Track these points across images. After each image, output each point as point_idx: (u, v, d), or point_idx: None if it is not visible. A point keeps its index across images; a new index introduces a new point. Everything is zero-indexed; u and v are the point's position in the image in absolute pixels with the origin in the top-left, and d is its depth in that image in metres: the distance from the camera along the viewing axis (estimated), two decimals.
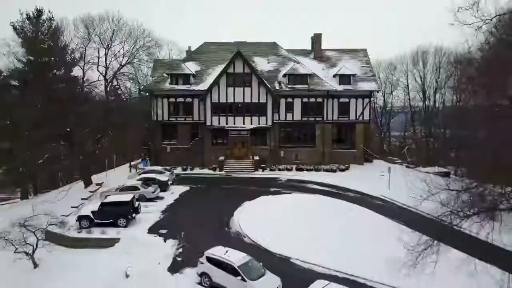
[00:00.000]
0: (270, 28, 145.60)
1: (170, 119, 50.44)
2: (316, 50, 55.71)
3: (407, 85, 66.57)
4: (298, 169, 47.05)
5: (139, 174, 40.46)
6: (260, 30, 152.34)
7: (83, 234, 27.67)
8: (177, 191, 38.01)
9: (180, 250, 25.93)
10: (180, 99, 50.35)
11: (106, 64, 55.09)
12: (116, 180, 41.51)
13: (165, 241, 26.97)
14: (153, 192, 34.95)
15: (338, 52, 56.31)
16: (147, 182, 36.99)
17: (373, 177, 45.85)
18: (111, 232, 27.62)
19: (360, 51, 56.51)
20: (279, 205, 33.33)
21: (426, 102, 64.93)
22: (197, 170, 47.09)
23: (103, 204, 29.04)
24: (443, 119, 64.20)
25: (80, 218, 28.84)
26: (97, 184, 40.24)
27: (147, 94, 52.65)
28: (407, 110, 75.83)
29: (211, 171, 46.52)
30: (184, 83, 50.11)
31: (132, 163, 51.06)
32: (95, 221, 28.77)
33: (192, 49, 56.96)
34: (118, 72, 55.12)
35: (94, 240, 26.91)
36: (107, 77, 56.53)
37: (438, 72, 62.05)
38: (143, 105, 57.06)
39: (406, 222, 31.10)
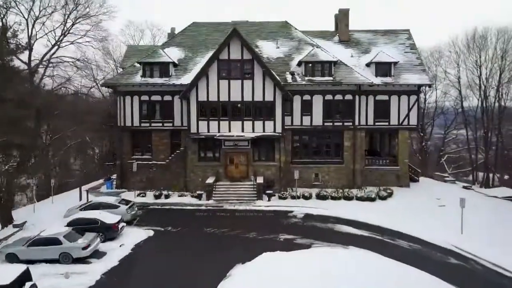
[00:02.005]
0: (280, 7, 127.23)
1: (142, 124, 36.81)
2: (342, 31, 41.49)
3: (458, 78, 51.71)
4: (320, 197, 32.83)
5: (82, 209, 26.81)
6: (267, 11, 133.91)
7: None
8: (131, 239, 24.18)
9: None
10: (156, 97, 36.70)
11: (30, 43, 39.65)
12: (49, 216, 27.97)
13: None
14: (84, 248, 21.14)
15: (372, 34, 42.02)
16: (83, 226, 23.37)
17: (429, 208, 31.73)
18: None
19: (401, 32, 42.14)
20: (292, 275, 19.18)
21: (480, 99, 49.92)
22: (175, 198, 33.21)
23: None
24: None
25: None
26: (15, 226, 26.59)
27: (112, 91, 39.01)
28: (449, 110, 61.25)
29: (194, 200, 32.60)
30: (161, 75, 36.48)
31: (91, 185, 37.50)
32: None
33: (178, 31, 43.21)
34: (52, 57, 40.31)
35: None
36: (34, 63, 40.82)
37: (503, 61, 47.13)
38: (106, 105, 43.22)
39: None
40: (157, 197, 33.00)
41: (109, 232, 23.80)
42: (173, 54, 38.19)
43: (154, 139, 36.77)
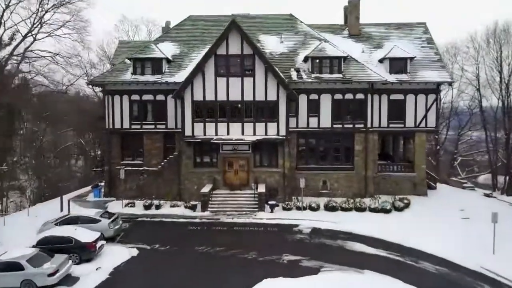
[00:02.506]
0: (279, 6, 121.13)
1: (133, 126, 33.55)
2: (352, 24, 37.99)
3: (477, 75, 47.86)
4: (328, 208, 29.35)
5: (57, 224, 23.57)
6: (267, 10, 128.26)
7: None
8: (111, 260, 20.87)
9: None
10: (148, 97, 33.46)
11: None
12: (22, 231, 24.75)
13: None
14: (51, 275, 17.85)
15: (384, 28, 38.51)
16: (54, 246, 20.15)
17: (452, 221, 28.18)
18: None
19: (416, 26, 38.59)
20: None
21: (501, 98, 46.04)
22: (166, 208, 29.83)
23: None
24: None
25: None
26: None
27: (100, 90, 35.76)
28: (463, 110, 57.42)
29: (188, 211, 29.21)
30: (154, 73, 33.23)
31: (78, 193, 34.34)
32: None
33: (173, 25, 39.87)
34: (27, 50, 36.28)
35: None
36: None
37: None
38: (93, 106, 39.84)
39: None
40: (147, 207, 29.67)
41: (84, 253, 20.53)
42: (167, 49, 34.91)
43: (145, 142, 33.49)
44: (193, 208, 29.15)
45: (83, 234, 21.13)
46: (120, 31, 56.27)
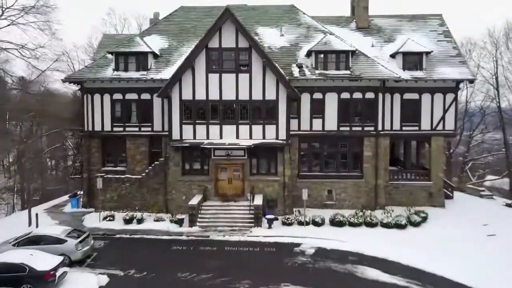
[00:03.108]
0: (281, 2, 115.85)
1: (115, 129, 29.99)
2: (360, 16, 34.41)
3: (496, 73, 44.18)
4: (334, 223, 25.62)
5: (15, 245, 19.94)
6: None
7: None
8: None
9: None
10: (132, 96, 29.93)
11: None
12: None
13: None
14: None
15: (396, 20, 34.89)
16: (3, 275, 16.54)
17: (476, 238, 24.63)
18: None
19: (431, 18, 34.99)
20: None
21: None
22: (149, 223, 26.06)
23: None
24: None
25: None
26: None
27: (77, 88, 32.09)
28: (475, 111, 53.71)
29: (173, 226, 25.44)
30: (138, 69, 29.71)
31: (55, 202, 30.76)
32: None
33: (162, 17, 36.20)
34: None
35: None
36: None
37: None
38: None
39: None
40: (127, 221, 25.97)
41: (40, 284, 16.81)
42: (154, 43, 31.40)
43: (129, 147, 29.95)
44: (180, 222, 25.45)
45: (41, 260, 17.45)
46: (108, 25, 52.76)
